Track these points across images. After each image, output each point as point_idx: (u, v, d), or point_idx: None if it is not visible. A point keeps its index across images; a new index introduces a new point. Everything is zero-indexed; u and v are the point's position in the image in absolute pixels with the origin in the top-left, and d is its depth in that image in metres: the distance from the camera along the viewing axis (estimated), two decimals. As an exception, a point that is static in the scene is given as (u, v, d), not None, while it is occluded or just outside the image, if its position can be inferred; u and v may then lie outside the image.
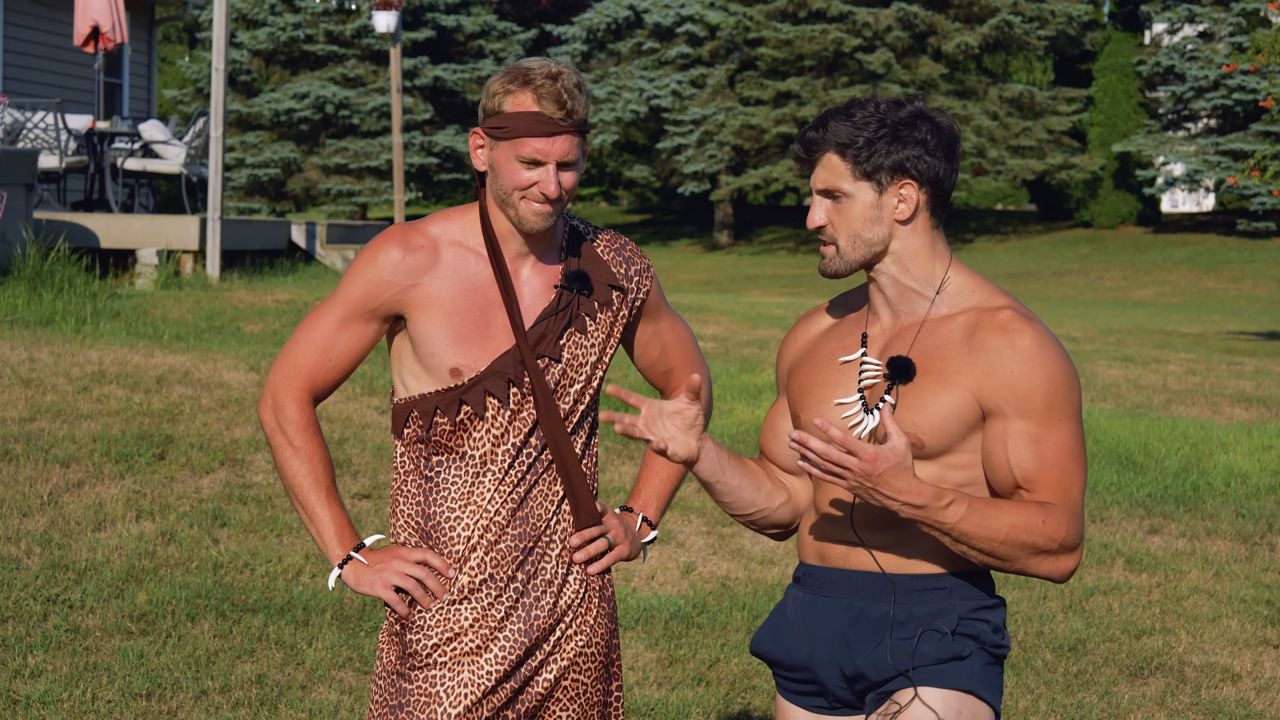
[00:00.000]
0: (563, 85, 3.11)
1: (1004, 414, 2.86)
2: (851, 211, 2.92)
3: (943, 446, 2.90)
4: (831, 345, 3.05)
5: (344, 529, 3.25)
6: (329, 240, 17.26)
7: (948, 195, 2.94)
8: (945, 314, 2.94)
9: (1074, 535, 2.87)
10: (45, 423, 8.21)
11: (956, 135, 2.94)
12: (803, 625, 3.05)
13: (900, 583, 2.95)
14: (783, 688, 3.13)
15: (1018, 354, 2.85)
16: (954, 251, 21.55)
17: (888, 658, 2.93)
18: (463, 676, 3.18)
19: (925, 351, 2.91)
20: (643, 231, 42.77)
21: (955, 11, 37.05)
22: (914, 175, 2.89)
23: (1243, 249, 34.48)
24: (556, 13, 44.54)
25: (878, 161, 2.88)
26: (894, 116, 2.90)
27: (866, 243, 2.93)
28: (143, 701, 5.37)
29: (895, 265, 2.94)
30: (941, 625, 2.93)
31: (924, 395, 2.89)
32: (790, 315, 17.19)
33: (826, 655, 3.00)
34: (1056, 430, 2.86)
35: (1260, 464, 9.82)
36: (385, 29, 18.45)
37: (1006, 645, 3.00)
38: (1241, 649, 6.60)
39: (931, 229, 2.94)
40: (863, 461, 2.77)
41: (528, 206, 3.15)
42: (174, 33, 55.14)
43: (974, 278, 2.97)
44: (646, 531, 3.40)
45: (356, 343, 3.25)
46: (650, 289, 3.35)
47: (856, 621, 2.97)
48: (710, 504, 8.21)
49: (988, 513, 2.83)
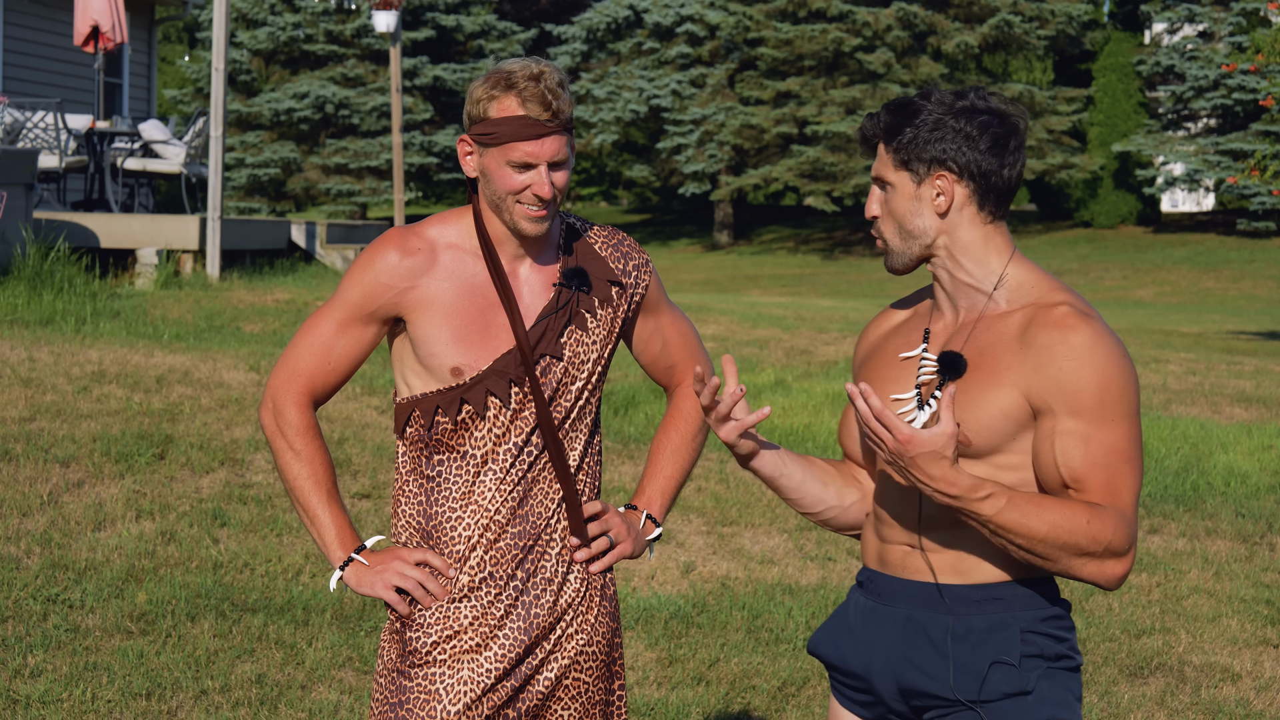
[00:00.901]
0: (546, 86, 3.11)
1: (1053, 412, 2.79)
2: (895, 202, 2.91)
3: (991, 445, 2.84)
4: (897, 341, 3.03)
5: (345, 531, 3.25)
6: (329, 240, 17.26)
7: (1002, 189, 2.88)
8: (1003, 310, 2.89)
9: (1122, 539, 2.78)
10: (45, 422, 8.21)
11: (1013, 129, 2.88)
12: (862, 632, 3.00)
13: (958, 593, 2.89)
14: (836, 690, 3.08)
15: (1070, 350, 2.78)
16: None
17: (949, 681, 2.87)
18: (462, 674, 3.18)
19: (979, 348, 2.87)
20: (643, 231, 42.77)
21: (955, 11, 37.05)
22: (951, 168, 2.86)
23: (1243, 249, 34.48)
24: (556, 12, 44.54)
25: (915, 152, 2.87)
26: (943, 109, 2.87)
27: (911, 234, 2.90)
28: (143, 701, 5.37)
29: (948, 259, 2.91)
30: (1008, 655, 2.85)
31: (972, 392, 2.84)
32: (790, 315, 17.19)
33: (883, 668, 2.96)
34: (1108, 430, 2.79)
35: (1260, 464, 9.82)
36: (385, 29, 18.45)
37: (1074, 658, 2.92)
38: (1241, 649, 6.60)
39: (985, 223, 2.89)
40: (896, 440, 2.75)
41: (522, 210, 3.15)
42: (174, 32, 55.14)
43: (1035, 273, 2.91)
44: (651, 529, 3.39)
45: (356, 346, 3.25)
46: (649, 284, 3.35)
47: (914, 635, 2.92)
48: (710, 504, 8.21)
49: (1028, 508, 2.76)
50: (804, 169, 36.25)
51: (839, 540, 7.82)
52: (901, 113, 2.90)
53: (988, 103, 2.89)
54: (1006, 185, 2.88)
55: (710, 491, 8.43)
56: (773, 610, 6.74)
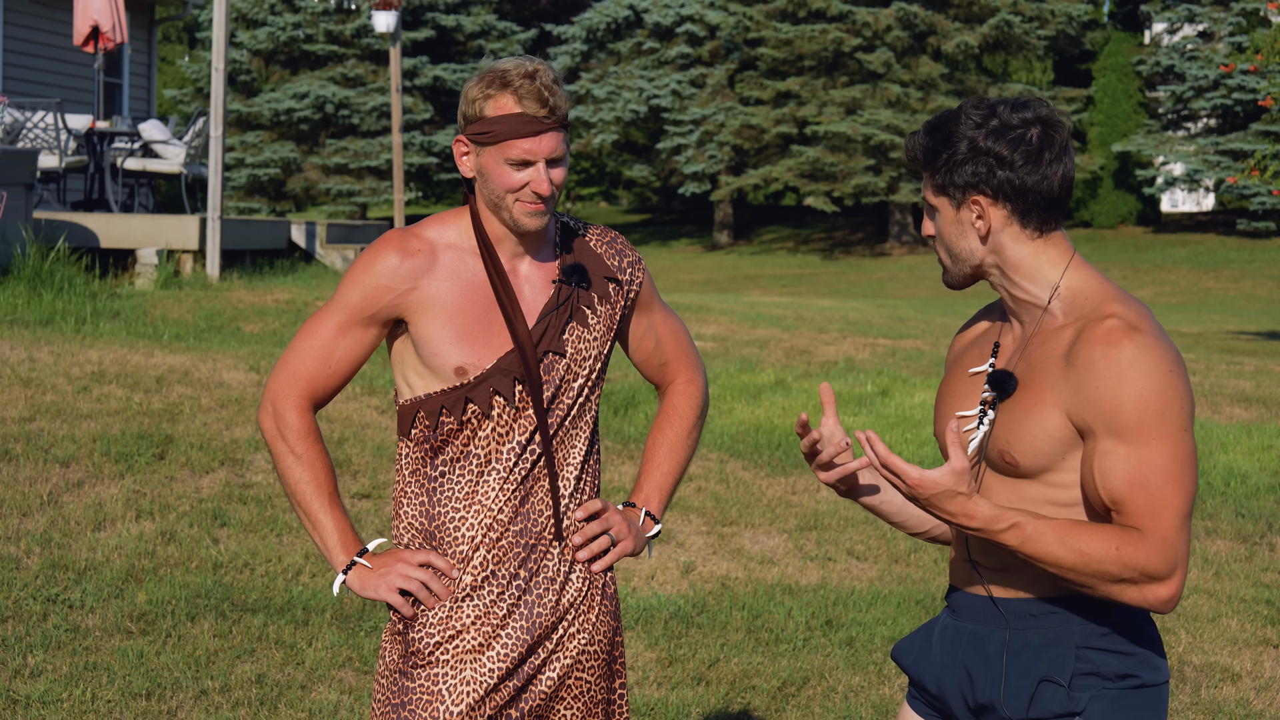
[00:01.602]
0: (541, 83, 3.12)
1: (1094, 432, 2.73)
2: (941, 225, 2.90)
3: (1038, 466, 2.80)
4: (972, 355, 3.01)
5: (347, 535, 3.25)
6: (329, 240, 17.26)
7: (1044, 202, 2.82)
8: (1059, 323, 2.84)
9: (1160, 563, 2.71)
10: (45, 422, 8.21)
11: (1048, 139, 2.82)
12: (939, 649, 2.99)
13: (1014, 607, 2.86)
14: (912, 696, 3.08)
15: (1109, 368, 2.72)
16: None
17: (1000, 697, 2.85)
18: (465, 674, 3.18)
19: (1030, 365, 2.83)
20: (642, 231, 42.77)
21: (955, 11, 37.05)
22: (985, 191, 2.82)
23: (1242, 249, 34.48)
24: (556, 12, 44.54)
25: (949, 178, 2.85)
26: (974, 129, 2.83)
27: (959, 256, 2.89)
28: (142, 701, 5.37)
29: (1002, 278, 2.88)
30: (1059, 673, 2.80)
31: (1018, 412, 2.80)
32: (790, 315, 17.19)
33: (953, 683, 2.94)
34: (1147, 449, 2.71)
35: (1260, 464, 9.82)
36: (385, 29, 18.45)
37: (1140, 676, 2.82)
38: (1241, 649, 6.60)
39: (1032, 239, 2.84)
40: (907, 484, 2.75)
41: (522, 207, 3.15)
42: (174, 32, 55.13)
43: (1092, 281, 2.85)
44: (650, 526, 3.39)
45: (356, 349, 3.25)
46: (643, 280, 3.36)
47: (976, 650, 2.90)
48: (710, 504, 8.21)
49: (1054, 537, 2.71)
50: (804, 169, 36.25)
51: (839, 540, 7.82)
52: (935, 136, 2.86)
53: (1021, 113, 2.83)
54: (1049, 196, 2.82)
55: (710, 491, 8.43)
56: (773, 610, 6.74)
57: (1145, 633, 2.85)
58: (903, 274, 32.24)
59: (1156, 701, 2.84)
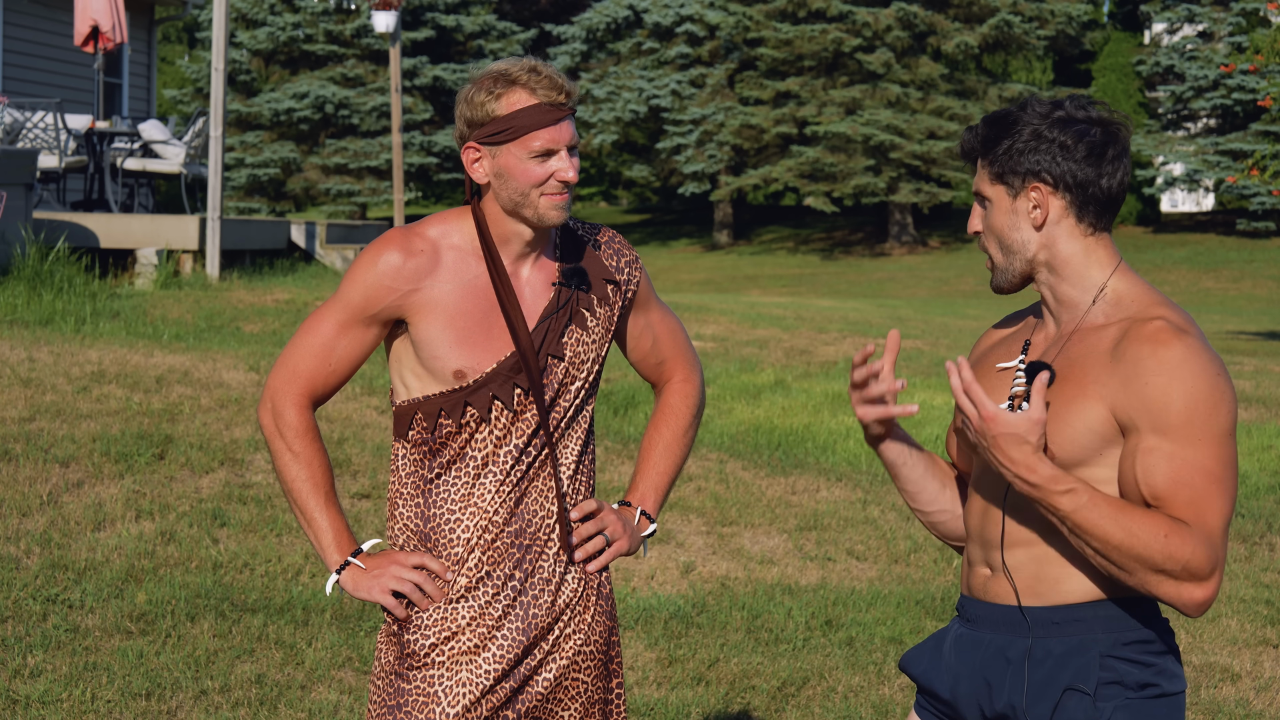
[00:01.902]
0: (547, 73, 3.13)
1: (1139, 429, 2.72)
2: (993, 217, 2.88)
3: (1074, 458, 2.78)
4: (999, 352, 3.01)
5: (342, 534, 3.24)
6: (328, 240, 17.27)
7: (1102, 199, 2.82)
8: (1100, 323, 2.83)
9: (1202, 561, 2.68)
10: (45, 423, 8.21)
11: (1112, 137, 2.82)
12: (952, 659, 2.97)
13: (1037, 615, 2.83)
14: (920, 705, 3.06)
15: (1159, 366, 2.70)
16: (961, 251, 21.52)
17: (1023, 705, 2.82)
18: (461, 676, 3.18)
19: (1070, 359, 2.82)
20: (642, 231, 42.77)
21: (955, 11, 37.05)
22: (1046, 179, 2.82)
23: (1242, 249, 34.49)
24: (556, 12, 44.54)
25: (1010, 164, 2.83)
26: (1039, 118, 2.83)
27: (1011, 248, 2.87)
28: (142, 701, 5.37)
29: (1050, 274, 2.87)
30: (1084, 682, 2.78)
31: (1058, 404, 2.78)
32: (789, 315, 17.19)
33: (968, 692, 2.92)
34: (1194, 450, 2.69)
35: (1260, 464, 9.82)
36: (385, 29, 18.45)
37: (1161, 685, 2.81)
38: (1241, 649, 6.60)
39: (1085, 235, 2.84)
40: (981, 416, 2.72)
41: (548, 201, 3.14)
42: (174, 32, 55.13)
43: (1137, 287, 2.85)
44: (645, 525, 3.39)
45: (356, 347, 3.23)
46: (640, 280, 3.36)
47: (995, 659, 2.88)
48: (710, 504, 8.21)
49: (1107, 511, 2.69)
50: (804, 169, 36.25)
51: (839, 540, 7.82)
52: (998, 125, 2.86)
53: (1086, 111, 2.84)
54: (1107, 195, 2.82)
55: (710, 491, 8.43)
56: (772, 610, 6.74)
57: (1166, 642, 2.84)
58: (903, 274, 32.24)
59: (1175, 710, 2.84)
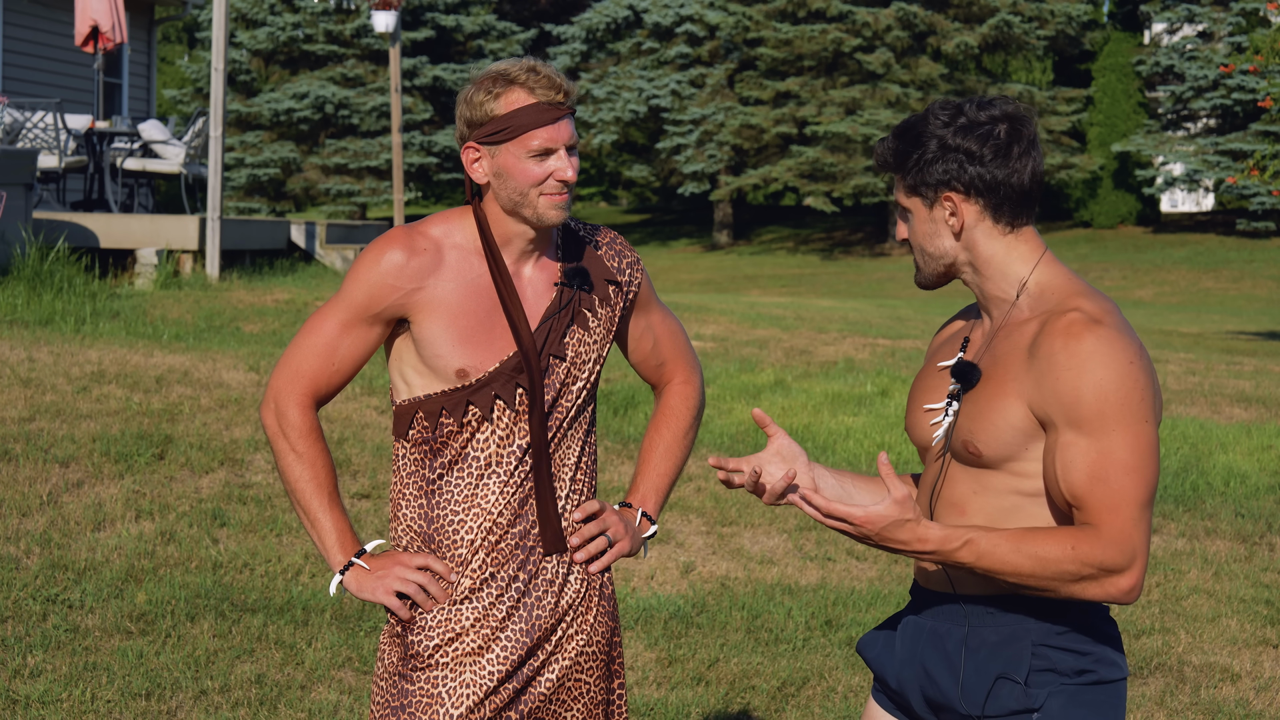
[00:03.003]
0: (546, 72, 3.14)
1: (1054, 424, 2.76)
2: (914, 226, 2.93)
3: (1001, 455, 2.82)
4: (945, 351, 3.05)
5: (345, 535, 3.23)
6: (328, 240, 17.27)
7: (1017, 197, 2.86)
8: (1025, 317, 2.87)
9: (1116, 556, 2.71)
10: (45, 423, 8.21)
11: (1016, 133, 2.85)
12: (899, 643, 3.02)
13: (971, 604, 2.88)
14: (876, 690, 3.10)
15: (1069, 359, 2.74)
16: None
17: (958, 693, 2.87)
18: (465, 677, 3.18)
19: (995, 357, 2.87)
20: (642, 231, 42.76)
21: (955, 11, 37.05)
22: (957, 188, 2.85)
23: (1242, 249, 34.49)
24: (556, 13, 44.54)
25: (921, 177, 2.87)
26: (942, 128, 2.86)
27: (933, 255, 2.92)
28: (142, 701, 5.37)
29: (974, 273, 2.91)
30: (1016, 670, 2.83)
31: (981, 402, 2.84)
32: (789, 315, 17.19)
33: (910, 678, 2.97)
34: (1107, 441, 2.72)
35: (1260, 464, 9.82)
36: (384, 29, 18.44)
37: (1097, 671, 2.85)
38: (1241, 649, 6.61)
39: (1004, 234, 2.87)
40: (855, 525, 2.76)
41: (547, 200, 3.14)
42: (173, 33, 55.12)
43: (1060, 277, 2.88)
44: (646, 526, 3.39)
45: (360, 346, 3.23)
46: (641, 282, 3.36)
47: (934, 647, 2.92)
48: (710, 504, 8.21)
49: (1008, 547, 2.73)
50: (803, 169, 36.25)
51: (839, 540, 7.82)
52: (904, 138, 2.90)
53: (988, 111, 2.86)
54: (1020, 190, 2.85)
55: (710, 491, 8.43)
56: (772, 610, 6.74)
57: (1102, 630, 2.87)
58: (902, 274, 32.23)
59: (1115, 697, 2.87)
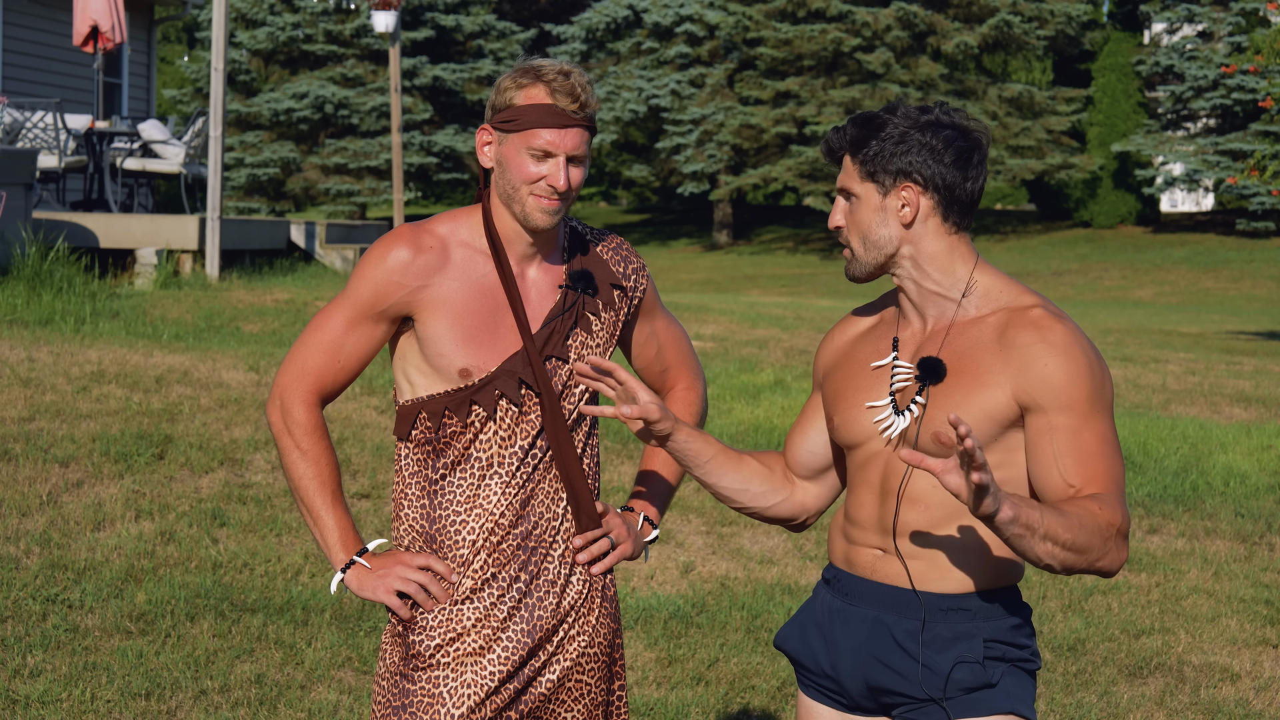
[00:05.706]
0: (575, 80, 3.14)
1: (1044, 409, 2.87)
2: (860, 213, 2.98)
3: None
4: (865, 350, 3.09)
5: (348, 534, 3.24)
6: (328, 240, 17.27)
7: (965, 202, 2.96)
8: (975, 316, 2.97)
9: (1125, 519, 2.85)
10: (44, 422, 8.21)
11: (976, 144, 2.97)
12: (829, 631, 3.07)
13: (928, 599, 2.96)
14: (803, 684, 3.15)
15: (1053, 349, 2.87)
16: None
17: (918, 680, 2.95)
18: (466, 677, 3.18)
19: (956, 353, 2.94)
20: (642, 231, 42.77)
21: (955, 11, 37.05)
22: (917, 180, 2.94)
23: (1242, 249, 34.48)
24: (556, 12, 44.53)
25: (882, 164, 2.94)
26: (909, 122, 2.95)
27: (875, 244, 2.97)
28: (142, 701, 5.37)
29: (913, 268, 2.98)
30: (970, 655, 2.94)
31: (955, 395, 2.91)
32: (789, 315, 17.19)
33: (851, 667, 3.03)
34: (1096, 422, 2.87)
35: (1259, 464, 9.82)
36: (384, 29, 18.44)
37: (1035, 662, 3.02)
38: (1240, 649, 6.61)
39: (949, 234, 2.97)
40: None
41: (535, 201, 3.14)
42: (173, 32, 55.12)
43: (1001, 279, 3.00)
44: (648, 530, 3.40)
45: (365, 344, 3.23)
46: (646, 287, 3.36)
47: (881, 637, 2.99)
48: (710, 503, 8.21)
49: (1060, 523, 2.78)
50: (803, 169, 36.25)
51: (838, 540, 7.82)
52: (867, 126, 2.97)
53: (952, 118, 2.97)
54: (969, 198, 2.96)
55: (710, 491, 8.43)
56: (772, 610, 6.74)
57: (1031, 626, 3.03)
58: (902, 274, 32.18)
59: (1033, 683, 3.04)
